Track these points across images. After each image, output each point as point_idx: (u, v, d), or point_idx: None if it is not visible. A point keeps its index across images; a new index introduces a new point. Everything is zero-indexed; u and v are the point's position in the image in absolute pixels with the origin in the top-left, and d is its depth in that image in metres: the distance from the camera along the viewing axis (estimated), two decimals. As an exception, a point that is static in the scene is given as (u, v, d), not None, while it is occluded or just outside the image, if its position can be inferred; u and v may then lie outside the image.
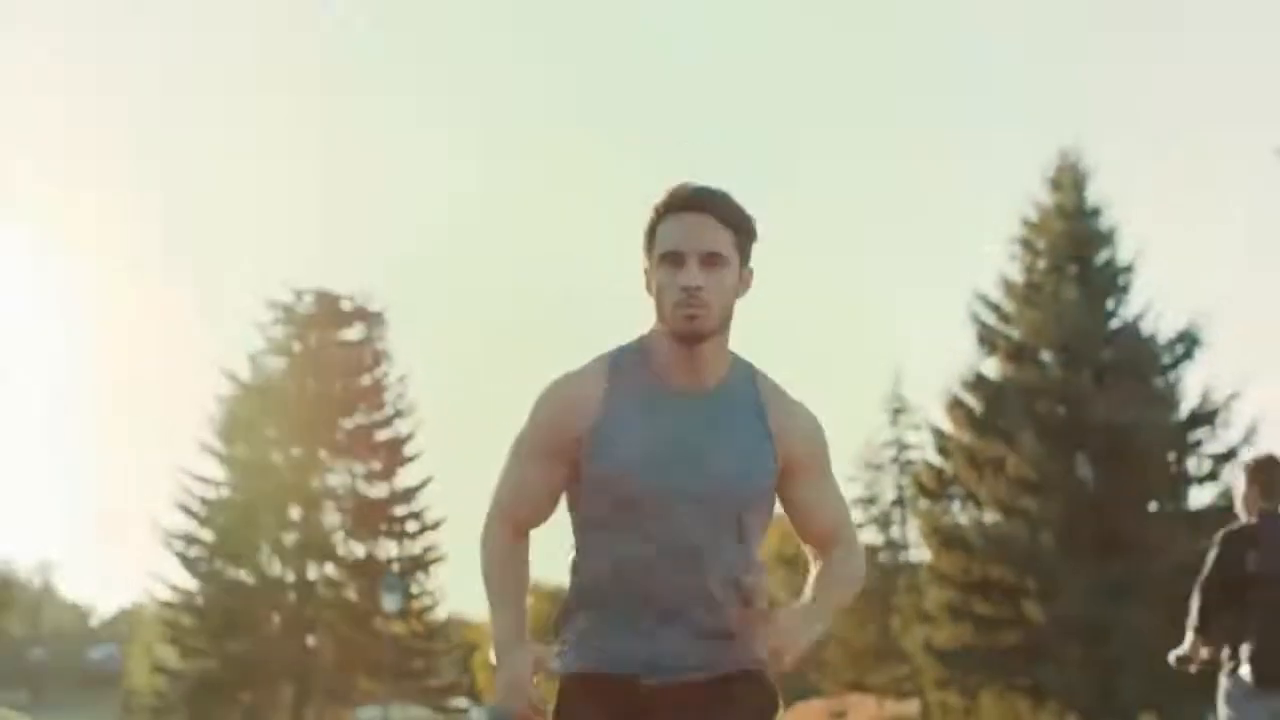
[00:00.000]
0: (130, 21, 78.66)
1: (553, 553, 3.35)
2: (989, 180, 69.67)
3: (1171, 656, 6.45)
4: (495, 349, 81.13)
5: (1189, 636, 6.41)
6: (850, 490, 43.82)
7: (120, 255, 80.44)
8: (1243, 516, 6.52)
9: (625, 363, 3.25)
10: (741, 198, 3.27)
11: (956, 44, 77.56)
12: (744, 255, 3.21)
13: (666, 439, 3.18)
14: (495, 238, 79.21)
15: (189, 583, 38.78)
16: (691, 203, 3.17)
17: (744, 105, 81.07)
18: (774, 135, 79.19)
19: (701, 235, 3.15)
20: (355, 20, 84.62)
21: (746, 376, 3.26)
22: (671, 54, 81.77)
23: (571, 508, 3.29)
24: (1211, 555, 6.42)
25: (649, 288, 3.22)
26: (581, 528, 3.26)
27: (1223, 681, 6.35)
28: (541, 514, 3.31)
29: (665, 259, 3.16)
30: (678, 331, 3.16)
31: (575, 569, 3.28)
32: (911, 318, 66.15)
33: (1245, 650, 6.23)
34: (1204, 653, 6.38)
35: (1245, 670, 6.21)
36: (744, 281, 3.23)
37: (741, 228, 3.20)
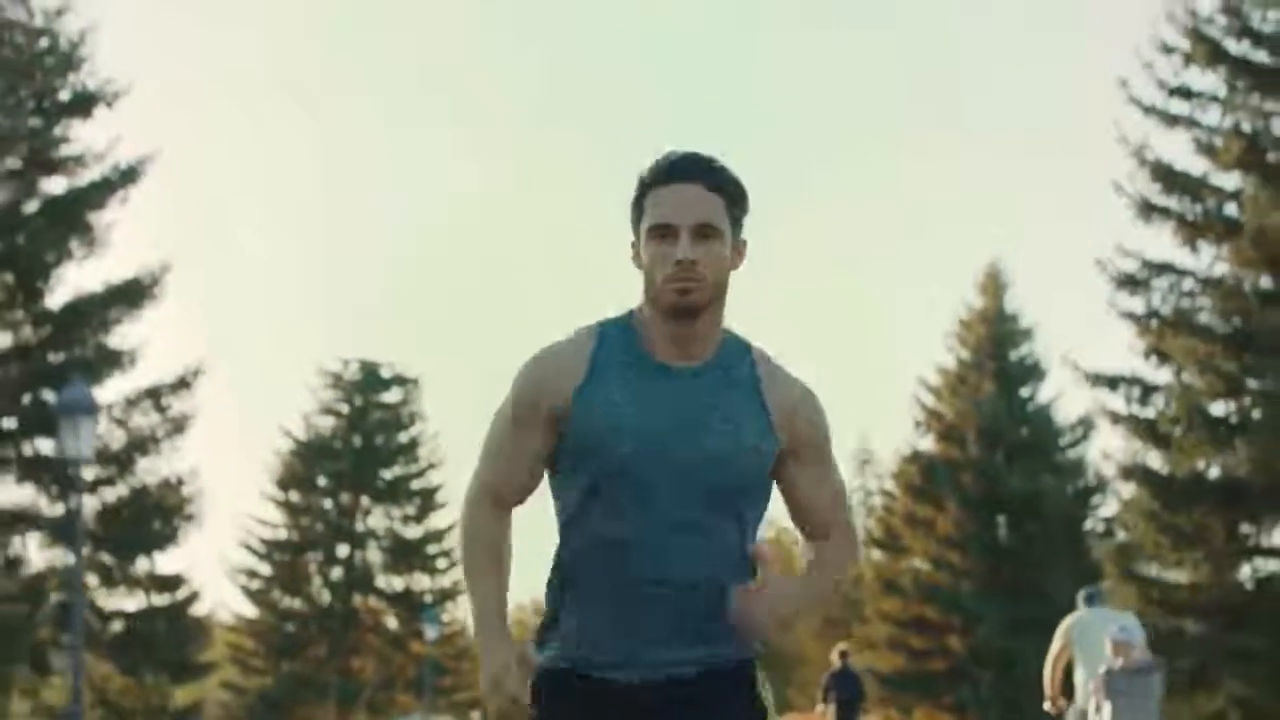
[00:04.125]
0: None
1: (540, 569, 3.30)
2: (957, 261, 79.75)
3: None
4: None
5: (819, 705, 17.72)
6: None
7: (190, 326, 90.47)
8: (835, 665, 18.77)
9: (613, 333, 3.19)
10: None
11: (929, 131, 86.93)
12: (737, 226, 3.16)
13: (659, 408, 3.11)
14: (519, 301, 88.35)
15: (250, 610, 46.82)
16: (682, 171, 3.12)
17: (745, 109, 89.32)
18: (783, 149, 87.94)
19: (694, 206, 3.08)
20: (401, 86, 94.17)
21: (742, 352, 3.20)
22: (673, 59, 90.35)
23: (554, 487, 3.22)
24: (825, 680, 18.68)
25: (636, 263, 3.17)
26: (564, 506, 3.19)
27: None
28: (524, 487, 3.22)
29: (654, 231, 3.10)
30: (669, 306, 3.09)
31: (558, 552, 3.21)
32: (879, 378, 76.85)
33: (833, 708, 18.04)
34: (827, 709, 17.66)
35: (832, 710, 17.71)
36: (738, 253, 3.17)
37: (734, 196, 3.15)
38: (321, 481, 47.42)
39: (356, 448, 47.42)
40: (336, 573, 47.16)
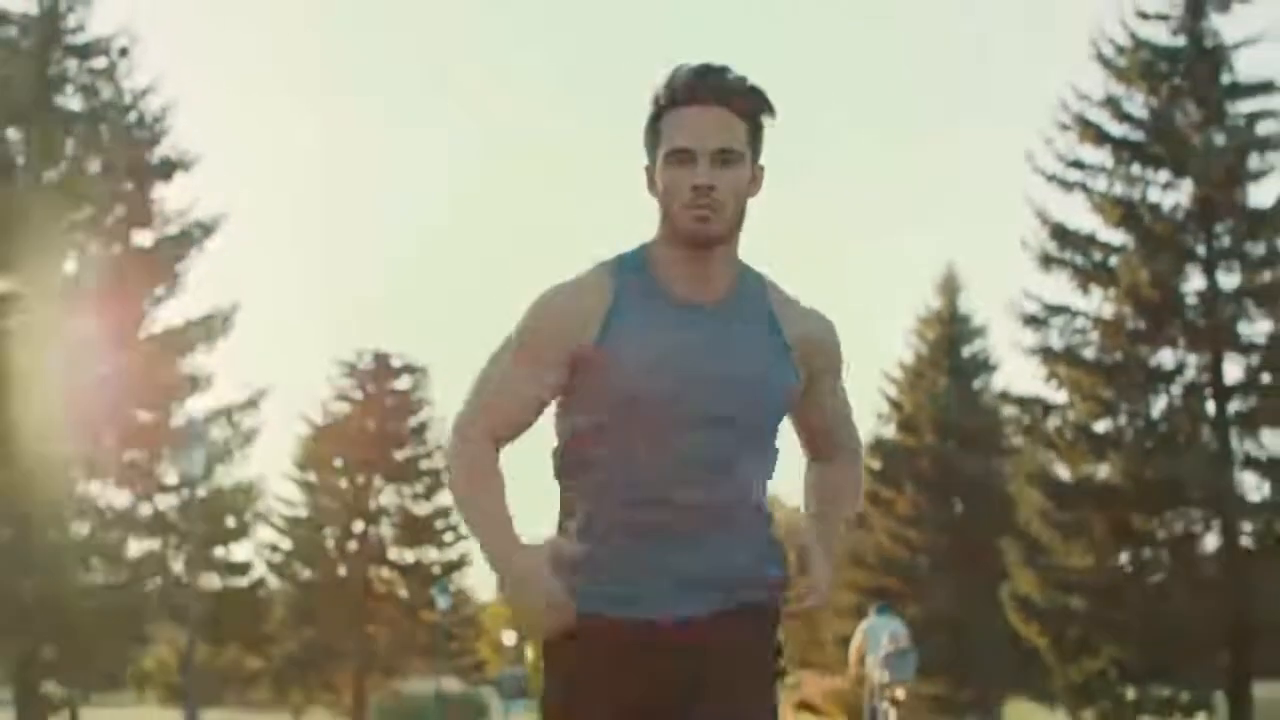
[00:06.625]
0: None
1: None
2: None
3: None
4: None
5: None
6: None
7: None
8: None
9: (628, 271, 3.22)
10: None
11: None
12: (757, 149, 3.20)
13: (683, 348, 3.16)
14: (520, 293, 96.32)
15: (273, 581, 51.54)
16: (702, 93, 3.13)
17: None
18: (783, 139, 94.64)
19: (713, 130, 3.11)
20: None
21: (757, 286, 3.29)
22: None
23: (568, 431, 3.28)
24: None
25: (652, 189, 3.20)
26: (580, 450, 3.26)
27: None
28: (522, 422, 3.28)
29: (672, 156, 3.12)
30: (687, 235, 3.14)
31: (575, 498, 3.29)
32: (857, 369, 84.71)
33: None
34: None
35: None
36: (756, 179, 3.20)
37: (755, 118, 3.18)
38: (338, 463, 52.36)
39: (370, 431, 52.35)
40: (352, 546, 52.20)
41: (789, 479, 3.62)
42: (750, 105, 3.18)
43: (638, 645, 3.23)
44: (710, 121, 3.12)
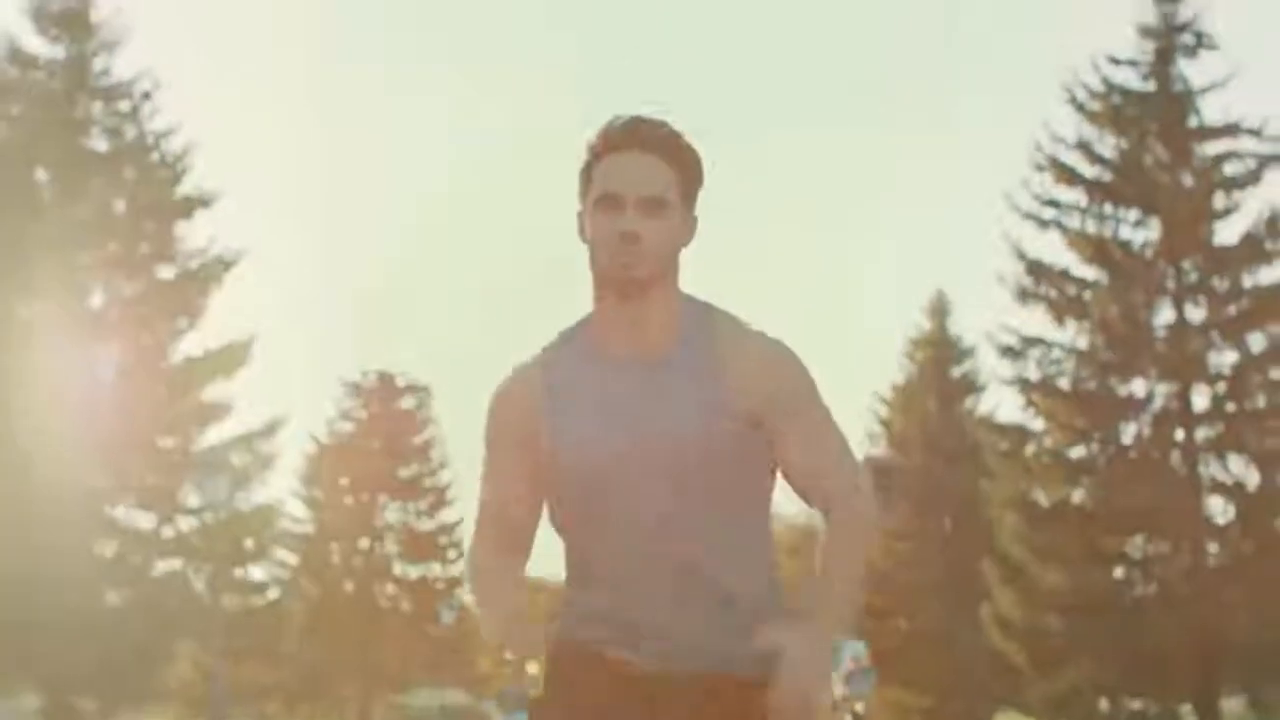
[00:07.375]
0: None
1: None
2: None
3: None
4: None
5: None
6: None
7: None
8: None
9: (561, 343, 3.25)
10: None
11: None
12: (689, 199, 3.19)
13: (606, 409, 3.15)
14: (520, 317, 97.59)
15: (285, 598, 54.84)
16: (631, 139, 3.14)
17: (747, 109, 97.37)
18: (783, 139, 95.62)
19: (642, 177, 3.12)
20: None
21: (703, 331, 3.19)
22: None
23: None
24: None
25: (582, 235, 3.20)
26: (557, 527, 3.30)
27: None
28: (525, 523, 3.33)
29: (601, 203, 3.13)
30: (613, 282, 3.14)
31: (565, 560, 3.31)
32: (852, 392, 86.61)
33: None
34: None
35: None
36: (688, 228, 3.19)
37: (687, 168, 3.17)
38: (343, 481, 53.77)
39: (375, 450, 53.69)
40: (358, 562, 53.72)
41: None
42: (682, 155, 3.19)
43: (608, 680, 3.22)
44: (641, 168, 3.14)
